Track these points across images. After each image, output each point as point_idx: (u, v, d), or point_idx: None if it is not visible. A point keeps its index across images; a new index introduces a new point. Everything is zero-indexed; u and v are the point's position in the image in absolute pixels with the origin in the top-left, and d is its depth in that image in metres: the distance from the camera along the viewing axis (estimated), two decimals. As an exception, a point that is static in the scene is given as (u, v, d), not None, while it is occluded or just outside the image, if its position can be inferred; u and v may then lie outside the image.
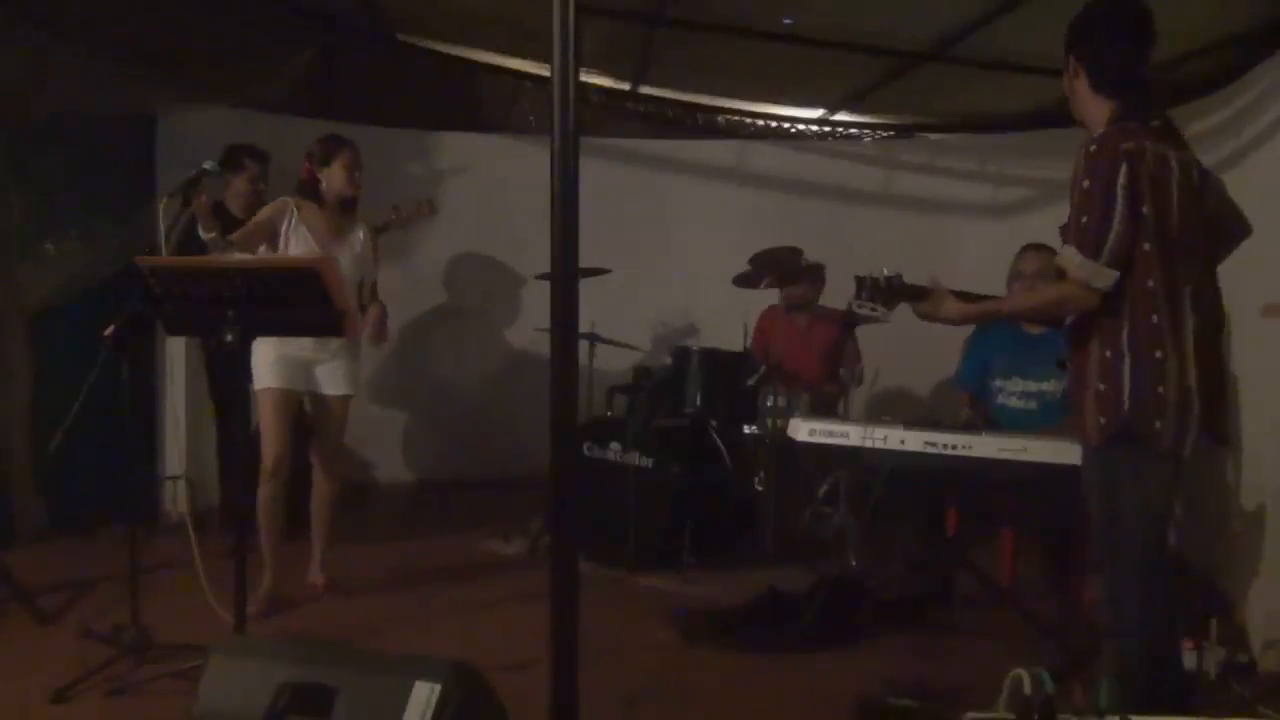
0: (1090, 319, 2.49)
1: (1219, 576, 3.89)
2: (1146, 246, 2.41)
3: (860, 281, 2.79)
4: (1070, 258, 2.42)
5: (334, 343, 3.85)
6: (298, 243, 3.84)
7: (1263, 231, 2.71)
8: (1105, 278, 2.39)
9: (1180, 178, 2.46)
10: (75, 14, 4.45)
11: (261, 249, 3.82)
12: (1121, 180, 2.38)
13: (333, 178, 3.91)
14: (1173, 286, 2.44)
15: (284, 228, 3.85)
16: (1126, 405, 2.42)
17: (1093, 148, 2.43)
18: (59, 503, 4.74)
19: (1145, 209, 2.40)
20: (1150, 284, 2.42)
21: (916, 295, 2.74)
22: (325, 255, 3.64)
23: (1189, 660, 3.01)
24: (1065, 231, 2.50)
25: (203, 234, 3.50)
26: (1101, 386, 2.46)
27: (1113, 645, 2.51)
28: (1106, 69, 2.53)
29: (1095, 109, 2.55)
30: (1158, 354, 2.41)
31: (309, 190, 3.93)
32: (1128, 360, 2.42)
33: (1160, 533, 2.49)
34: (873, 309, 2.76)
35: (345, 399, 4.03)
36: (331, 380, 3.96)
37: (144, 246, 3.73)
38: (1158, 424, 2.41)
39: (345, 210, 3.98)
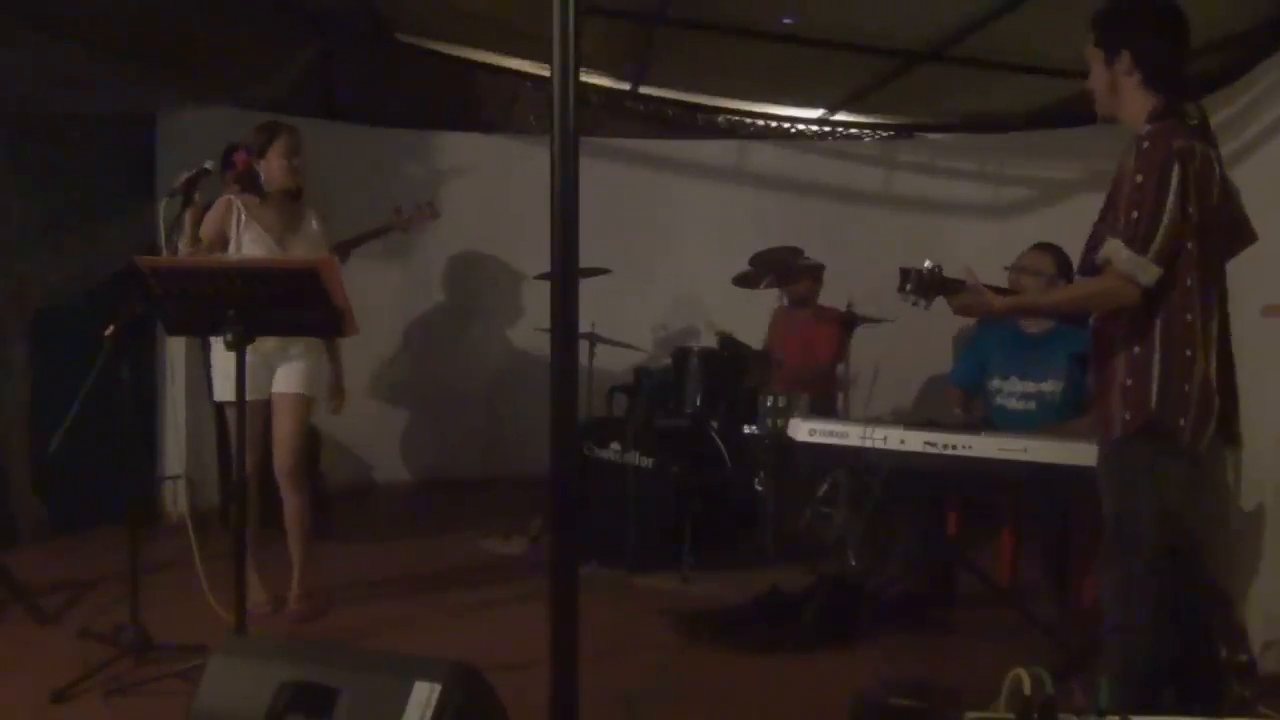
0: (1121, 314, 2.50)
1: (1219, 576, 3.88)
2: (1189, 245, 2.43)
3: (905, 273, 2.76)
4: (1118, 251, 2.40)
5: (299, 343, 3.67)
6: (251, 241, 3.67)
7: (1263, 231, 2.71)
8: (1152, 274, 2.39)
9: (1219, 177, 2.49)
10: (75, 14, 4.45)
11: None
12: (1174, 178, 2.39)
13: (270, 169, 3.68)
14: (1207, 285, 2.46)
15: (233, 229, 3.68)
16: (1154, 401, 2.43)
17: (1146, 144, 2.42)
18: (59, 503, 4.74)
19: (1192, 208, 2.41)
20: (1189, 282, 2.44)
21: (954, 289, 2.71)
22: (325, 256, 3.63)
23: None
24: (1106, 225, 2.48)
25: (182, 245, 3.46)
26: (1129, 382, 2.47)
27: (1116, 644, 2.51)
28: (1162, 65, 2.53)
29: (1138, 105, 2.53)
30: (1188, 352, 2.44)
31: (247, 183, 3.71)
32: (1158, 357, 2.44)
33: (1174, 531, 2.50)
34: (915, 301, 2.74)
35: (298, 398, 3.75)
36: (286, 378, 3.73)
37: (144, 246, 3.74)
38: (1181, 421, 2.44)
39: (293, 199, 3.78)
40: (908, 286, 2.74)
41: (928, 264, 2.73)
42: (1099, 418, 2.58)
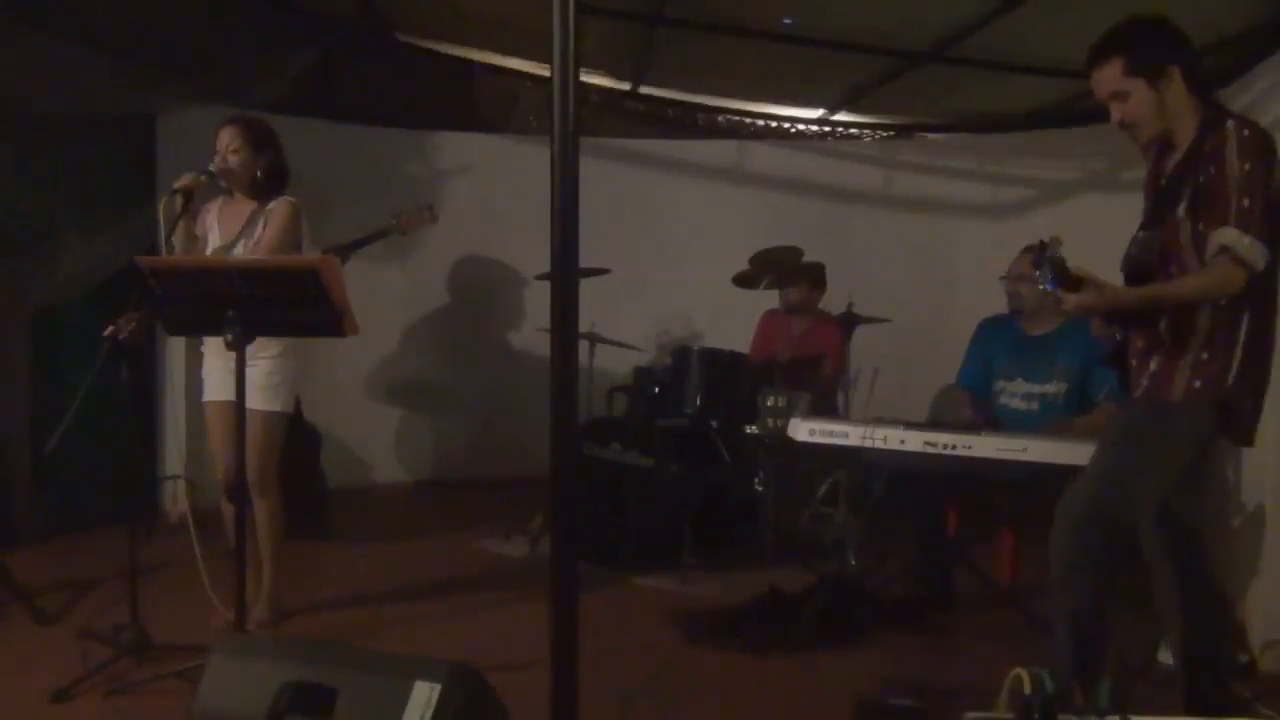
0: None
1: (1220, 576, 3.89)
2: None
3: (1043, 246, 2.67)
4: (1238, 239, 2.38)
5: (255, 346, 3.20)
6: (210, 240, 3.64)
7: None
8: (1265, 258, 2.40)
9: None
10: (75, 14, 4.45)
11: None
12: (1274, 164, 2.41)
13: (215, 162, 3.58)
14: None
15: (205, 228, 3.66)
16: (1231, 378, 2.44)
17: (1245, 132, 2.42)
18: (59, 503, 4.74)
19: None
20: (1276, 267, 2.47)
21: (1074, 285, 2.59)
22: (326, 256, 3.62)
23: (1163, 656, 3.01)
24: (1194, 212, 2.45)
25: (177, 242, 3.45)
26: (1204, 355, 2.47)
27: (1066, 629, 2.55)
28: (1196, 68, 2.55)
29: (1186, 111, 2.53)
30: (1268, 337, 2.48)
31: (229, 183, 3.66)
32: (1242, 337, 2.45)
33: (1185, 509, 2.56)
34: (1042, 281, 2.65)
35: (258, 414, 3.48)
36: (250, 391, 3.22)
37: (144, 246, 3.73)
38: (1249, 402, 2.47)
39: (258, 194, 3.63)
40: (1042, 264, 2.62)
41: (1060, 249, 2.65)
42: (1160, 384, 2.52)
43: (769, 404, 4.71)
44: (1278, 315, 2.51)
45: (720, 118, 6.69)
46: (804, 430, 3.69)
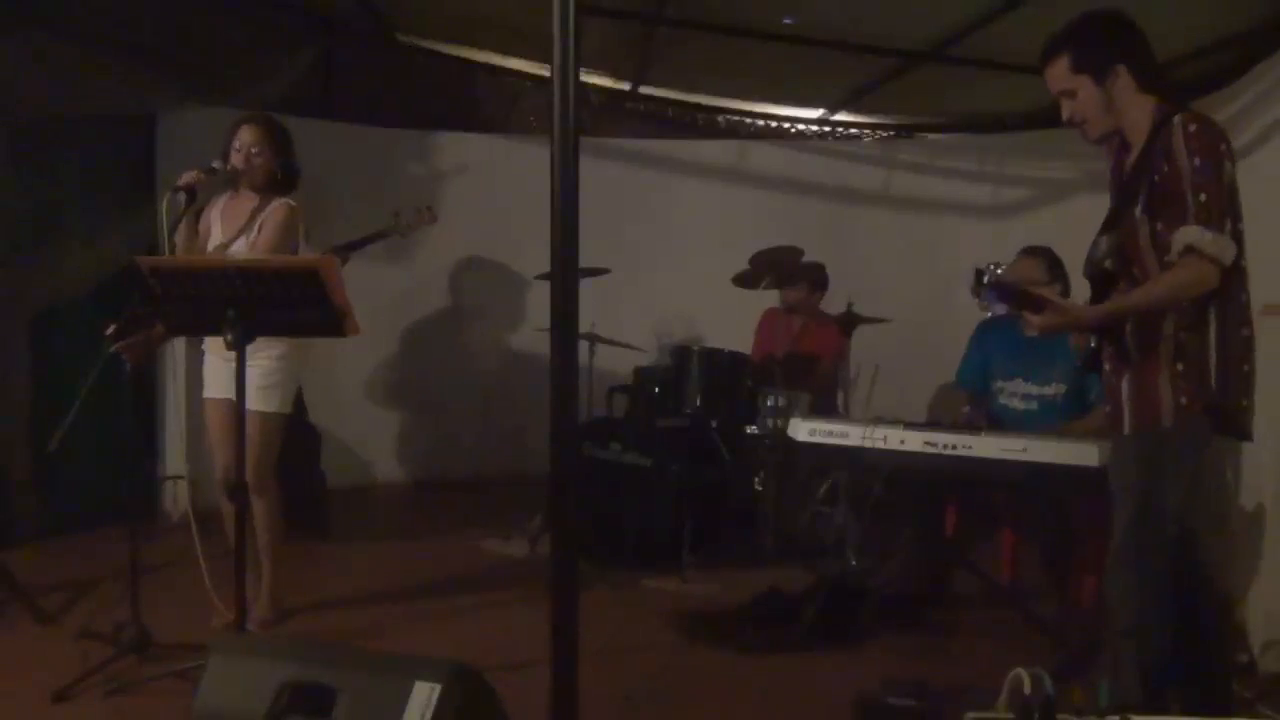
0: None
1: (1219, 576, 3.89)
2: (1240, 225, 2.42)
3: (979, 274, 2.65)
4: (1200, 236, 2.33)
5: (253, 346, 3.10)
6: (212, 236, 3.64)
7: (1263, 231, 2.71)
8: (1232, 252, 2.35)
9: None
10: (75, 14, 4.45)
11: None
12: (1226, 157, 2.38)
13: (232, 160, 3.61)
14: (1243, 265, 2.45)
15: (208, 225, 3.66)
16: (1214, 382, 2.39)
17: (1192, 127, 2.38)
18: (59, 502, 4.73)
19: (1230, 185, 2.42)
20: (1242, 262, 2.42)
21: (1036, 306, 2.57)
22: (325, 256, 3.62)
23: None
24: (1151, 213, 2.41)
25: (179, 241, 3.44)
26: (1180, 366, 2.41)
27: (1128, 646, 2.49)
28: (1148, 65, 2.52)
29: (1139, 109, 2.51)
30: (1245, 332, 2.42)
31: (230, 179, 3.66)
32: (1214, 338, 2.40)
33: (1192, 522, 2.52)
34: (983, 302, 2.65)
35: (255, 415, 3.41)
36: (248, 391, 3.10)
37: (144, 246, 3.73)
38: (1244, 401, 2.42)
39: (263, 192, 3.64)
40: (982, 293, 2.61)
41: (999, 270, 2.63)
42: (1143, 408, 2.47)
43: (769, 404, 4.72)
44: (1249, 309, 2.46)
45: (720, 118, 6.69)
46: (804, 430, 3.69)
